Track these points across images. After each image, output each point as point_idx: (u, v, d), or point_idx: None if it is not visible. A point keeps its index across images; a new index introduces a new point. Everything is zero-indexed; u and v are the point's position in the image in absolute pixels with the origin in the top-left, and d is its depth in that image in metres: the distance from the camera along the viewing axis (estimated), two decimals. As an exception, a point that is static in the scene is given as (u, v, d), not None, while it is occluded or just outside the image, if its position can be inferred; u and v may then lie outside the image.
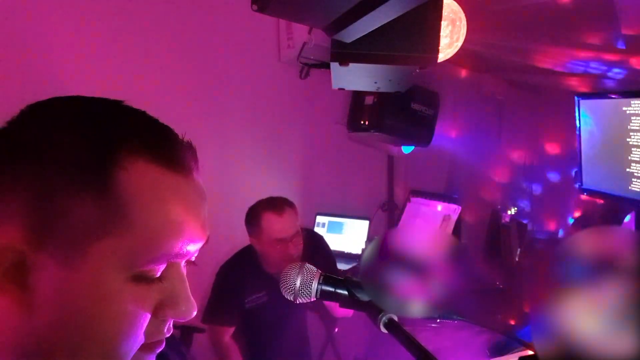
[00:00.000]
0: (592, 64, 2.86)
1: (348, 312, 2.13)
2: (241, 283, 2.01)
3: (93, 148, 0.46)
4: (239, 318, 2.08)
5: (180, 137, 0.53)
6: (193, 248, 0.52)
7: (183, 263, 0.53)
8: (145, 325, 0.49)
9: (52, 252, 0.45)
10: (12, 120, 0.49)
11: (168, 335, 0.53)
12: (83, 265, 0.45)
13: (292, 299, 0.85)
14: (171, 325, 0.53)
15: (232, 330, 2.09)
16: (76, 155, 0.45)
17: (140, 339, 0.49)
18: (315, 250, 2.14)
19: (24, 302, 0.45)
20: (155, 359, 0.53)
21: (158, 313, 0.50)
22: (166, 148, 0.49)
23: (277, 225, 1.88)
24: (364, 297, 0.80)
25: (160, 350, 0.53)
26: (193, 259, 0.55)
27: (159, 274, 0.50)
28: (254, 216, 1.94)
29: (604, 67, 2.88)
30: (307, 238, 2.04)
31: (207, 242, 0.54)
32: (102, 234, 0.45)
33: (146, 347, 0.51)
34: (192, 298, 0.52)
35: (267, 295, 2.03)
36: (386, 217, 3.76)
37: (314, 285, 0.83)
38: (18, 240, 0.44)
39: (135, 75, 2.37)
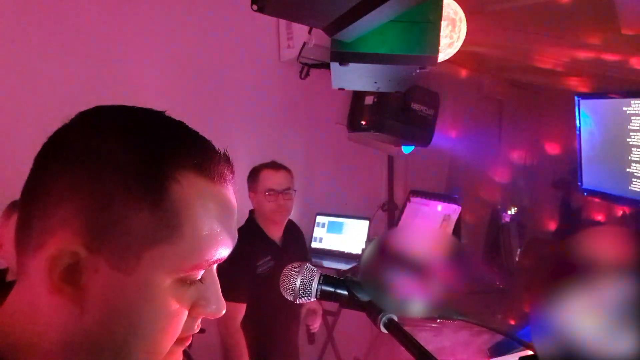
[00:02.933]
0: (592, 64, 2.86)
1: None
2: (251, 249, 2.12)
3: (149, 161, 0.49)
4: (251, 290, 2.07)
5: (218, 149, 0.56)
6: (226, 253, 0.56)
7: (215, 265, 0.57)
8: (183, 322, 0.53)
9: (107, 256, 0.48)
10: (65, 127, 0.51)
11: (197, 331, 0.57)
12: (136, 269, 0.49)
13: (292, 299, 0.85)
14: (199, 322, 0.57)
15: (244, 310, 2.07)
16: (133, 169, 0.48)
17: (177, 334, 0.53)
18: (298, 236, 2.43)
19: (77, 301, 0.48)
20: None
21: (192, 311, 0.54)
22: (210, 161, 0.53)
23: (271, 177, 2.18)
24: (364, 297, 0.80)
25: (188, 343, 0.57)
26: None
27: (200, 277, 0.54)
28: (254, 171, 2.22)
29: (604, 67, 2.88)
30: (292, 225, 2.35)
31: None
32: (155, 241, 0.49)
33: (178, 341, 0.55)
34: (222, 297, 0.57)
35: (273, 259, 2.16)
36: (386, 217, 3.76)
37: (314, 285, 0.83)
38: (75, 243, 0.47)
39: (135, 75, 2.37)
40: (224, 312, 0.57)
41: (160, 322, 0.51)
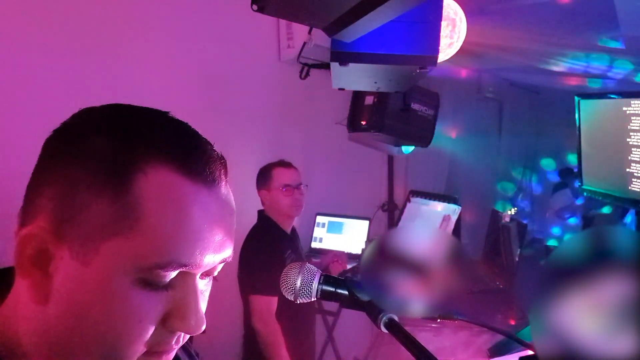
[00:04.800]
0: (592, 64, 2.86)
1: None
2: (277, 245, 2.21)
3: (118, 151, 0.48)
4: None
5: (211, 149, 0.54)
6: (210, 260, 0.51)
7: (199, 276, 0.53)
8: (148, 332, 0.49)
9: (70, 245, 0.47)
10: (65, 122, 0.52)
11: (177, 348, 0.53)
12: (94, 261, 0.47)
13: (292, 299, 0.85)
14: (181, 338, 0.53)
15: (276, 303, 2.12)
16: (102, 157, 0.48)
17: (141, 344, 0.49)
18: (297, 234, 2.50)
19: (43, 289, 0.48)
20: None
21: (165, 323, 0.50)
22: (193, 159, 0.50)
23: (285, 174, 2.29)
24: (364, 297, 0.80)
25: (168, 359, 0.53)
26: (215, 273, 0.56)
27: (167, 281, 0.50)
28: (266, 170, 2.31)
29: (604, 67, 2.88)
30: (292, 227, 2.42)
31: (231, 257, 0.55)
32: (114, 233, 0.47)
33: (151, 354, 0.51)
34: (202, 312, 0.52)
35: (293, 253, 2.28)
36: (386, 217, 3.76)
37: (315, 285, 0.83)
38: (44, 229, 0.48)
39: (135, 75, 2.37)
40: (203, 328, 0.52)
41: (118, 325, 0.47)
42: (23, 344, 0.50)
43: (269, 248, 2.16)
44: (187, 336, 0.54)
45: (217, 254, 0.52)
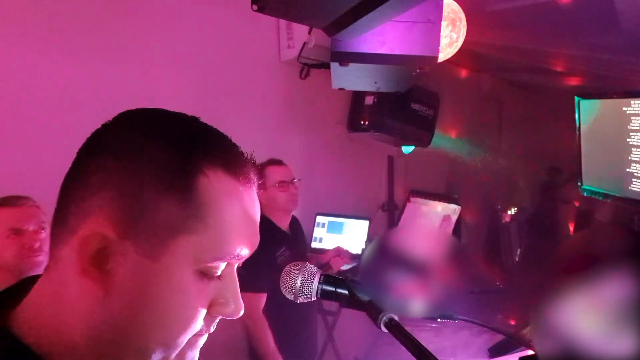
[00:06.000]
0: (592, 64, 2.86)
1: None
2: (268, 241, 2.12)
3: (181, 156, 0.52)
4: (272, 280, 2.11)
5: (245, 153, 0.59)
6: (247, 252, 0.58)
7: (236, 266, 0.59)
8: (201, 318, 0.55)
9: (136, 242, 0.50)
10: (106, 125, 0.55)
11: (212, 332, 0.59)
12: (162, 256, 0.51)
13: (292, 299, 0.85)
14: (216, 323, 0.58)
15: (264, 299, 2.15)
16: (166, 161, 0.52)
17: (194, 330, 0.55)
18: (299, 227, 2.54)
19: (102, 285, 0.50)
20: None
21: (211, 309, 0.56)
22: (239, 163, 0.57)
23: (278, 171, 2.33)
24: (364, 296, 0.80)
25: (205, 335, 0.58)
26: (240, 263, 0.61)
27: (219, 272, 0.56)
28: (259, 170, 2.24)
29: (604, 67, 2.88)
30: (293, 218, 2.46)
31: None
32: (181, 230, 0.52)
33: (193, 338, 0.56)
34: (240, 299, 0.59)
35: (288, 249, 2.28)
36: (386, 217, 3.76)
37: (315, 284, 0.83)
38: (105, 227, 0.50)
39: (134, 76, 2.37)
40: (241, 313, 0.58)
41: (180, 315, 0.53)
42: (75, 339, 0.51)
43: (261, 246, 2.08)
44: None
45: (254, 247, 0.58)
